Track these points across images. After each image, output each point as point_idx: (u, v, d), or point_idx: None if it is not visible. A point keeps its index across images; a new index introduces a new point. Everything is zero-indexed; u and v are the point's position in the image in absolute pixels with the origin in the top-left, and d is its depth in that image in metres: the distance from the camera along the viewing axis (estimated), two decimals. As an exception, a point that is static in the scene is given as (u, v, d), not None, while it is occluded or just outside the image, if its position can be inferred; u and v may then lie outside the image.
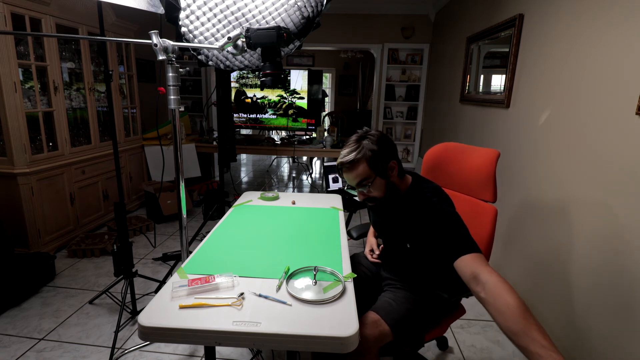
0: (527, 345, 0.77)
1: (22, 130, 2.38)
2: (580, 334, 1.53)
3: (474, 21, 3.00)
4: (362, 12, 4.58)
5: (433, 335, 1.32)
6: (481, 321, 2.08)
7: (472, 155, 1.45)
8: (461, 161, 1.49)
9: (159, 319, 0.92)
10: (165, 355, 1.74)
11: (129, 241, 1.87)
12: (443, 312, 1.35)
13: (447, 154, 1.57)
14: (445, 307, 1.35)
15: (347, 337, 0.88)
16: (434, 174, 1.61)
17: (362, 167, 1.14)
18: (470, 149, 1.49)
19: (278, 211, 1.79)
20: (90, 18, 2.88)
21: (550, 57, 1.85)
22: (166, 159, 3.58)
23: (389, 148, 1.17)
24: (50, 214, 2.63)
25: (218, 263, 1.24)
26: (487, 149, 1.40)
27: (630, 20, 1.34)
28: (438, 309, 1.31)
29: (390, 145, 1.18)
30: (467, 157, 1.47)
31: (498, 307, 0.84)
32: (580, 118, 1.60)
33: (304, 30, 1.40)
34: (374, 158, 1.13)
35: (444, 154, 1.58)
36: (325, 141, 3.87)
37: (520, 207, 2.04)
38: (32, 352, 1.73)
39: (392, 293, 1.29)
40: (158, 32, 1.18)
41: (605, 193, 1.43)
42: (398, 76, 4.80)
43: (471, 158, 1.44)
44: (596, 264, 1.45)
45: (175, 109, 1.28)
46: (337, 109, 7.96)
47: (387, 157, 1.16)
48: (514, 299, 0.83)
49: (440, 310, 1.33)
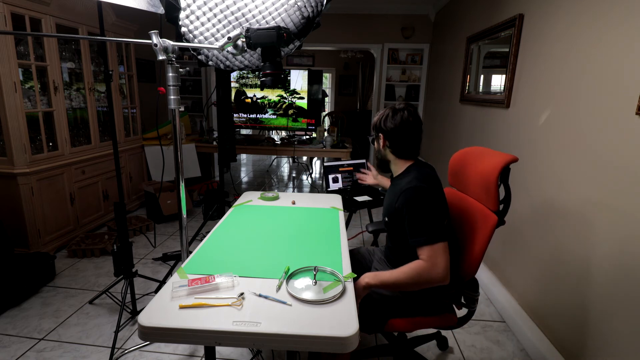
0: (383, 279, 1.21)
1: (22, 130, 2.38)
2: (588, 336, 1.53)
3: (474, 21, 3.00)
4: (362, 12, 4.58)
5: (401, 326, 1.32)
6: (481, 321, 2.08)
7: (485, 159, 1.38)
8: (475, 165, 1.43)
9: (159, 319, 0.92)
10: (165, 355, 1.74)
11: (129, 241, 1.87)
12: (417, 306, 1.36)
13: (467, 157, 1.51)
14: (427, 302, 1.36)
15: (347, 337, 0.88)
16: (456, 178, 1.57)
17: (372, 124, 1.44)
18: (486, 153, 1.42)
19: (278, 211, 1.79)
20: (90, 18, 2.88)
21: (550, 57, 1.85)
22: (166, 159, 3.58)
23: (388, 128, 1.34)
24: (50, 214, 2.63)
25: (218, 263, 1.24)
26: (501, 154, 1.32)
27: (631, 20, 1.34)
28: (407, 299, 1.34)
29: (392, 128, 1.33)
30: (480, 161, 1.40)
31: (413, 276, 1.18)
32: (580, 118, 1.60)
33: (304, 30, 1.40)
34: (374, 124, 1.40)
35: (464, 158, 1.53)
36: (325, 141, 3.87)
37: (520, 207, 2.04)
38: (32, 352, 1.73)
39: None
40: (158, 32, 1.18)
41: (605, 193, 1.43)
42: (398, 76, 4.80)
43: (482, 162, 1.38)
44: (597, 264, 1.45)
45: (175, 109, 1.28)
46: (337, 109, 7.96)
47: (380, 130, 1.36)
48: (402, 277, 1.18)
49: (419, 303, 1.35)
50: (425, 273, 1.16)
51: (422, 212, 1.19)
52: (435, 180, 1.28)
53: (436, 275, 1.16)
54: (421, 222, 1.19)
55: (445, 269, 1.16)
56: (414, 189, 1.21)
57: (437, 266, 1.16)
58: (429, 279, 1.16)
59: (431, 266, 1.16)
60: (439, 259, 1.16)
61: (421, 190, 1.21)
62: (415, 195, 1.20)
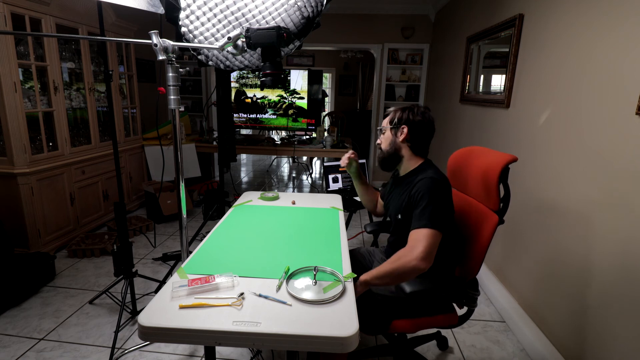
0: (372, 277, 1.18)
1: (22, 130, 2.38)
2: (587, 336, 1.53)
3: (474, 21, 3.00)
4: (362, 12, 4.58)
5: (404, 327, 1.32)
6: (481, 321, 2.08)
7: (485, 159, 1.39)
8: (475, 165, 1.44)
9: (159, 319, 0.92)
10: (165, 355, 1.74)
11: (129, 241, 1.87)
12: (421, 306, 1.36)
13: (466, 157, 1.52)
14: (425, 302, 1.36)
15: (347, 337, 0.88)
16: (455, 178, 1.58)
17: (387, 119, 1.42)
18: (485, 153, 1.43)
19: (278, 211, 1.79)
20: (90, 18, 2.88)
21: (550, 57, 1.85)
22: (166, 159, 3.58)
23: (414, 121, 1.35)
24: (50, 214, 2.63)
25: (218, 263, 1.24)
26: (501, 154, 1.33)
27: (631, 20, 1.34)
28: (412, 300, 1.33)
29: (418, 121, 1.35)
30: (480, 162, 1.41)
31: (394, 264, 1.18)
32: (581, 118, 1.60)
33: (304, 30, 1.40)
34: (396, 117, 1.37)
35: (463, 158, 1.54)
36: (325, 141, 3.87)
37: (520, 208, 2.04)
38: (32, 352, 1.73)
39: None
40: (158, 32, 1.18)
41: (605, 193, 1.43)
42: (398, 76, 4.80)
43: (482, 162, 1.39)
44: (598, 264, 1.45)
45: (175, 109, 1.28)
46: (337, 109, 7.96)
47: (406, 122, 1.35)
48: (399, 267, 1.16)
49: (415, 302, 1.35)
50: (403, 257, 1.16)
51: (436, 201, 1.21)
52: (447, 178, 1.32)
53: (410, 260, 1.13)
54: (431, 210, 1.20)
55: (421, 254, 1.13)
56: (434, 179, 1.24)
57: (414, 250, 1.15)
58: (405, 263, 1.14)
59: (409, 250, 1.16)
60: (420, 244, 1.15)
61: (442, 182, 1.25)
62: (435, 185, 1.23)
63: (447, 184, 1.28)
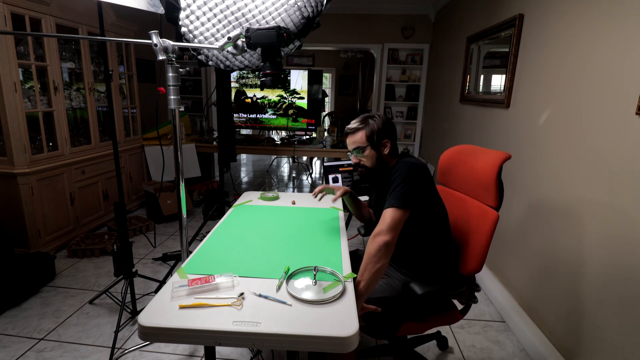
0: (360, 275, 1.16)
1: (22, 130, 2.38)
2: (584, 335, 1.53)
3: (474, 21, 3.00)
4: (362, 12, 4.58)
5: (413, 329, 1.32)
6: (481, 321, 2.08)
7: (480, 157, 1.41)
8: (470, 163, 1.46)
9: (159, 319, 0.92)
10: (165, 355, 1.74)
11: (129, 241, 1.87)
12: (429, 307, 1.36)
13: (459, 156, 1.53)
14: (433, 302, 1.36)
15: (347, 337, 0.88)
16: (446, 176, 1.59)
17: (361, 135, 1.36)
18: (480, 151, 1.45)
19: (278, 211, 1.79)
20: (90, 18, 2.88)
21: (550, 57, 1.85)
22: (166, 159, 3.58)
23: (388, 129, 1.37)
24: (50, 214, 2.63)
25: (218, 263, 1.24)
26: (497, 152, 1.36)
27: (631, 20, 1.34)
28: (422, 301, 1.33)
29: (389, 127, 1.37)
30: (475, 160, 1.43)
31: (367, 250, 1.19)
32: (580, 118, 1.60)
33: (304, 30, 1.40)
34: (372, 132, 1.35)
35: (455, 157, 1.55)
36: (325, 141, 3.87)
37: (520, 208, 2.04)
38: (32, 352, 1.73)
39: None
40: (158, 32, 1.18)
41: (605, 193, 1.43)
42: (398, 76, 4.80)
43: (478, 161, 1.41)
44: (598, 264, 1.45)
45: (175, 109, 1.28)
46: (337, 109, 7.96)
47: (383, 134, 1.35)
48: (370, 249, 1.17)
49: (425, 303, 1.35)
50: (372, 237, 1.19)
51: (407, 183, 1.23)
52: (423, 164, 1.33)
53: (377, 237, 1.16)
54: (400, 191, 1.22)
55: (385, 228, 1.17)
56: (405, 163, 1.29)
57: (379, 227, 1.18)
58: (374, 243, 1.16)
59: (377, 230, 1.19)
60: (385, 221, 1.19)
61: (414, 165, 1.28)
62: (405, 168, 1.26)
63: (421, 168, 1.28)
